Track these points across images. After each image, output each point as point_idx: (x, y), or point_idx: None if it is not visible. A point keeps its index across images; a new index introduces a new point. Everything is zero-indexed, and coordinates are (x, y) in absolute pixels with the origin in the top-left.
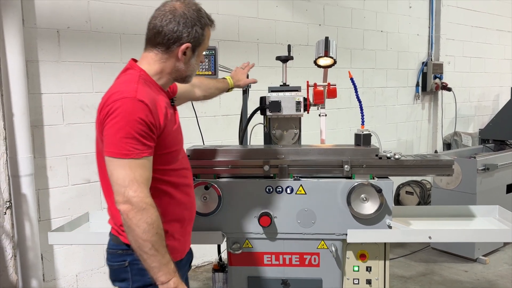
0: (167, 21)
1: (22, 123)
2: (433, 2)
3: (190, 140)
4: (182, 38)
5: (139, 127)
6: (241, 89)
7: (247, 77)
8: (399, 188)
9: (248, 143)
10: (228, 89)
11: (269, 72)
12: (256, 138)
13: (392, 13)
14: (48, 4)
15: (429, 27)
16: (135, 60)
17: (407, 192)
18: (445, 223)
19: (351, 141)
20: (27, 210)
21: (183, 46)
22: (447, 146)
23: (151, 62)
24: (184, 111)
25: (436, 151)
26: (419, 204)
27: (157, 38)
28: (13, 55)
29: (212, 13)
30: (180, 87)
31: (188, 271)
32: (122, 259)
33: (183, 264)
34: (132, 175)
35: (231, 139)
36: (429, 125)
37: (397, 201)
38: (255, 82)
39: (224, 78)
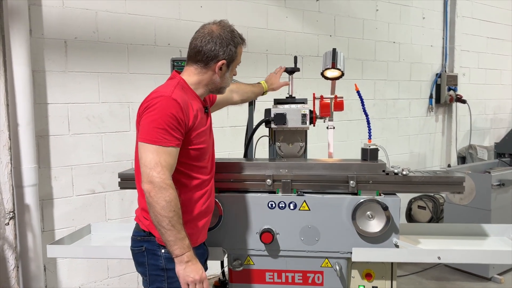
0: (205, 41)
1: (27, 133)
2: (447, 13)
3: None
4: (218, 55)
5: (170, 121)
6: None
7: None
8: (411, 202)
9: (253, 156)
10: (263, 93)
11: None
12: (264, 150)
13: (404, 24)
14: (56, 14)
15: (443, 38)
16: (178, 72)
17: (419, 207)
18: (456, 242)
19: None
20: (30, 220)
21: (220, 63)
22: (462, 159)
23: (191, 74)
24: None
25: (449, 165)
26: (431, 219)
27: (198, 56)
28: (19, 65)
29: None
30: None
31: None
32: (140, 244)
33: (196, 255)
34: (157, 159)
35: (238, 151)
36: (443, 138)
37: (409, 216)
38: (288, 84)
39: (258, 82)
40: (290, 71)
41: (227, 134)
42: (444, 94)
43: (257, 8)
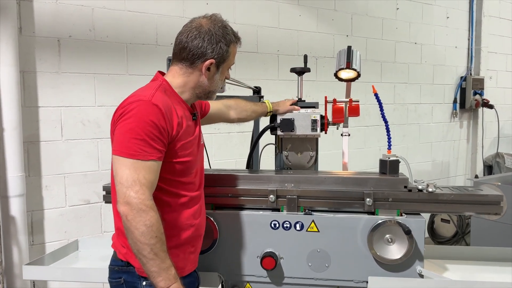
0: (192, 37)
1: (13, 138)
2: (473, 12)
3: None
4: (206, 54)
5: (150, 130)
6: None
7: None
8: (433, 215)
9: (258, 167)
10: (267, 113)
11: (290, 87)
12: (273, 158)
13: (427, 24)
14: (49, 11)
15: (468, 39)
16: (162, 73)
17: (442, 220)
18: (489, 269)
19: None
20: (16, 234)
21: (207, 62)
22: (488, 168)
23: (176, 75)
24: None
25: (476, 176)
26: (456, 234)
27: (183, 53)
28: (5, 66)
29: (229, 22)
30: (213, 107)
31: None
32: (118, 276)
33: (184, 284)
34: (135, 176)
35: (246, 158)
36: (467, 145)
37: (431, 230)
38: (297, 110)
39: (263, 101)
40: (300, 71)
41: (234, 141)
42: (469, 98)
43: (267, 5)
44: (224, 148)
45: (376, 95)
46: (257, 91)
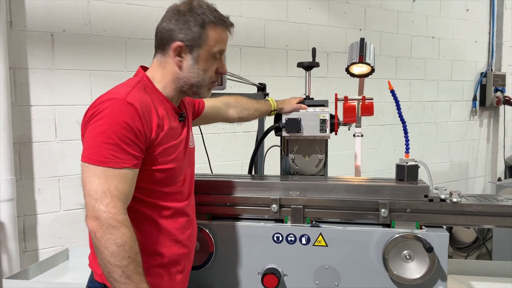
0: (163, 19)
1: (3, 140)
2: (494, 5)
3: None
4: (173, 36)
5: (123, 133)
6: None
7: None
8: None
9: (263, 171)
10: (270, 112)
11: (299, 84)
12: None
13: (445, 17)
14: (41, 4)
15: (489, 33)
16: (145, 68)
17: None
18: None
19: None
20: (5, 241)
21: (174, 45)
22: (509, 169)
23: (154, 69)
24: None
25: (499, 179)
26: (476, 240)
27: (156, 41)
28: None
29: (235, 15)
30: (208, 105)
31: None
32: None
33: None
34: (106, 187)
35: None
36: (488, 145)
37: (450, 236)
38: (304, 109)
39: (266, 99)
40: (307, 66)
41: (240, 141)
42: (490, 95)
43: None
44: (228, 148)
45: (392, 92)
46: (261, 88)
